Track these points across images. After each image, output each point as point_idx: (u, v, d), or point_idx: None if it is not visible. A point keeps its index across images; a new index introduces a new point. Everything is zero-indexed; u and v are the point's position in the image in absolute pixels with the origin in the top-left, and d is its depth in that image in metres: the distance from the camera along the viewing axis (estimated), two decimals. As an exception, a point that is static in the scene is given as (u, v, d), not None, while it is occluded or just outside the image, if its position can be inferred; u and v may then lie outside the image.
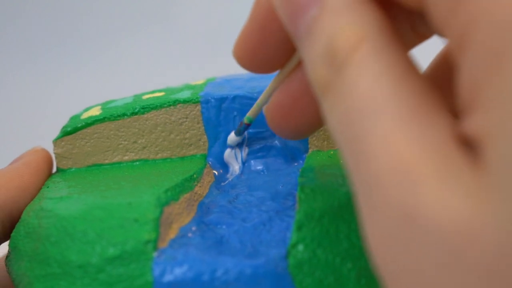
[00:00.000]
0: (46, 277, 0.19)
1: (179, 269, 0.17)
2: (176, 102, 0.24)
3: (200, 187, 0.22)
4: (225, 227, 0.19)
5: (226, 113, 0.23)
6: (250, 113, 0.21)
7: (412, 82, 0.12)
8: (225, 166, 0.23)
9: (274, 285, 0.17)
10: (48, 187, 0.23)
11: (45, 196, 0.22)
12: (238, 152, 0.23)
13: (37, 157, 0.24)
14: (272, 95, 0.18)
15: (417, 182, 0.11)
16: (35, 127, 0.53)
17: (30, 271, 0.19)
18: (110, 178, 0.23)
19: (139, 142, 0.24)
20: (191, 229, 0.19)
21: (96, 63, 0.63)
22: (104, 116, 0.24)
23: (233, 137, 0.23)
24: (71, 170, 0.24)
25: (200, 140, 0.24)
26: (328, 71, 0.13)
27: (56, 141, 0.24)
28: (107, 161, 0.24)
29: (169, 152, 0.24)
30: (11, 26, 0.67)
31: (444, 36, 0.12)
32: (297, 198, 0.19)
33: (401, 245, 0.11)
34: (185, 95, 0.24)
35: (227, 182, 0.23)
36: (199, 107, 0.23)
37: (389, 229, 0.11)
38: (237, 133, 0.23)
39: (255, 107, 0.20)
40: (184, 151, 0.24)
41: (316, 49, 0.13)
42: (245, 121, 0.21)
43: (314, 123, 0.17)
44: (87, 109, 0.25)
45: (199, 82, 0.26)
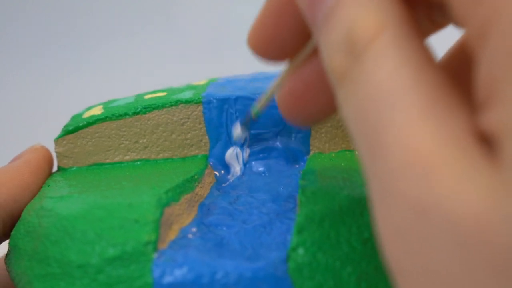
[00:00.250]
0: (45, 277, 0.19)
1: (179, 271, 0.17)
2: (178, 102, 0.23)
3: (201, 188, 0.22)
4: (225, 228, 0.19)
5: (228, 114, 0.23)
6: (258, 106, 0.21)
7: (430, 73, 0.12)
8: (226, 167, 0.23)
9: (274, 288, 0.17)
10: (49, 186, 0.23)
11: (46, 195, 0.22)
12: (239, 153, 0.23)
13: (38, 155, 0.24)
14: (282, 85, 0.18)
15: (433, 175, 0.11)
16: (37, 126, 0.53)
17: (29, 270, 0.19)
18: (111, 177, 0.23)
19: (141, 142, 0.24)
20: (191, 230, 0.19)
21: (98, 63, 0.63)
22: (105, 115, 0.24)
23: (239, 131, 0.22)
24: (72, 169, 0.24)
25: (201, 140, 0.24)
26: (345, 60, 0.13)
27: (57, 140, 0.24)
28: (108, 161, 0.24)
29: (170, 152, 0.24)
30: (13, 24, 0.67)
31: (463, 27, 0.12)
32: (298, 201, 0.19)
33: (415, 238, 0.11)
34: (187, 95, 0.24)
35: (228, 183, 0.23)
36: (201, 107, 0.23)
37: (403, 222, 0.11)
38: (243, 126, 0.22)
39: (264, 98, 0.20)
40: (185, 151, 0.24)
41: (334, 37, 0.13)
42: (253, 114, 0.21)
43: (326, 111, 0.17)
44: (89, 108, 0.25)
45: (201, 82, 0.26)
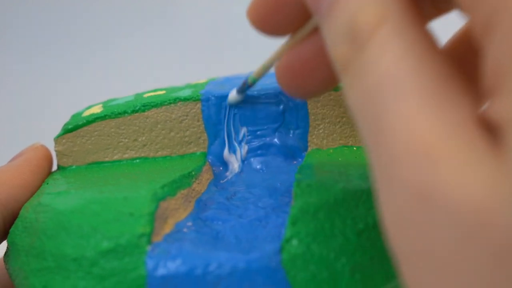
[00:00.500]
0: (41, 271, 0.19)
1: (172, 263, 0.17)
2: (176, 100, 0.24)
3: (198, 184, 0.22)
4: (221, 223, 0.19)
5: (226, 111, 0.23)
6: (255, 74, 0.21)
7: (434, 61, 0.12)
8: (225, 164, 0.23)
9: (267, 279, 0.17)
10: (47, 184, 0.23)
11: (44, 192, 0.22)
12: (238, 150, 0.23)
13: (38, 154, 0.24)
14: (281, 57, 0.18)
15: (436, 162, 0.11)
16: (36, 125, 0.54)
17: (26, 266, 0.19)
18: (109, 175, 0.23)
19: (140, 140, 0.24)
20: (186, 224, 0.19)
21: (98, 62, 0.63)
22: (105, 113, 0.24)
23: (234, 95, 0.23)
24: (72, 167, 0.24)
25: (200, 138, 0.24)
26: (349, 49, 0.13)
27: (57, 139, 0.24)
28: (107, 159, 0.24)
29: (169, 150, 0.24)
30: (14, 23, 0.68)
31: (469, 15, 0.12)
32: (293, 193, 0.19)
33: (417, 224, 0.11)
34: (186, 93, 0.24)
35: (226, 180, 0.23)
36: (199, 105, 0.23)
37: (405, 208, 0.12)
38: (239, 91, 0.22)
39: (261, 68, 0.20)
40: (184, 149, 0.24)
41: (337, 27, 0.13)
42: (249, 81, 0.21)
43: (324, 85, 0.17)
44: (89, 107, 0.25)
45: (201, 81, 0.26)
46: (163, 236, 0.18)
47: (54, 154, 0.25)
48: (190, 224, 0.19)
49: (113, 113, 0.24)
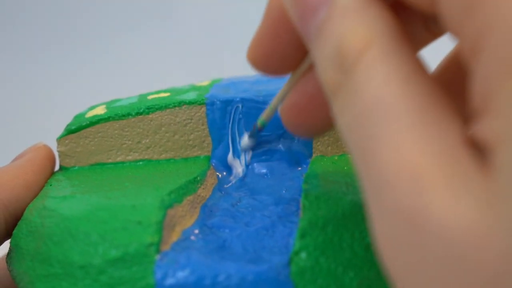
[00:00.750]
0: (47, 277, 0.19)
1: (181, 273, 0.17)
2: (181, 103, 0.23)
3: (203, 189, 0.22)
4: (228, 231, 0.19)
5: (231, 116, 0.23)
6: (263, 117, 0.21)
7: (421, 84, 0.12)
8: (229, 168, 0.23)
9: (275, 292, 0.17)
10: (51, 185, 0.23)
11: (48, 194, 0.22)
12: (242, 154, 0.23)
13: (40, 154, 0.24)
14: (285, 97, 0.18)
15: (425, 187, 0.11)
16: (39, 125, 0.53)
17: (32, 270, 0.19)
18: (113, 178, 0.23)
19: (143, 142, 0.24)
20: (193, 232, 0.19)
21: (101, 62, 0.63)
22: (108, 115, 0.24)
23: (246, 141, 0.23)
24: (74, 168, 0.24)
25: (204, 141, 0.24)
26: (337, 74, 0.13)
27: (60, 139, 0.24)
28: (110, 160, 0.24)
29: (172, 153, 0.24)
30: (16, 23, 0.67)
31: (457, 38, 0.12)
32: (301, 205, 0.19)
33: (408, 248, 0.11)
34: (191, 96, 0.24)
35: (230, 184, 0.23)
36: (204, 108, 0.23)
37: (396, 232, 0.12)
38: (250, 136, 0.23)
39: (269, 110, 0.20)
40: (187, 152, 0.24)
41: (326, 51, 0.13)
42: (259, 125, 0.21)
43: (328, 123, 0.17)
44: (92, 107, 0.25)
45: (204, 83, 0.26)
46: (171, 244, 0.18)
47: (56, 154, 0.25)
48: (197, 231, 0.19)
49: (117, 115, 0.24)
